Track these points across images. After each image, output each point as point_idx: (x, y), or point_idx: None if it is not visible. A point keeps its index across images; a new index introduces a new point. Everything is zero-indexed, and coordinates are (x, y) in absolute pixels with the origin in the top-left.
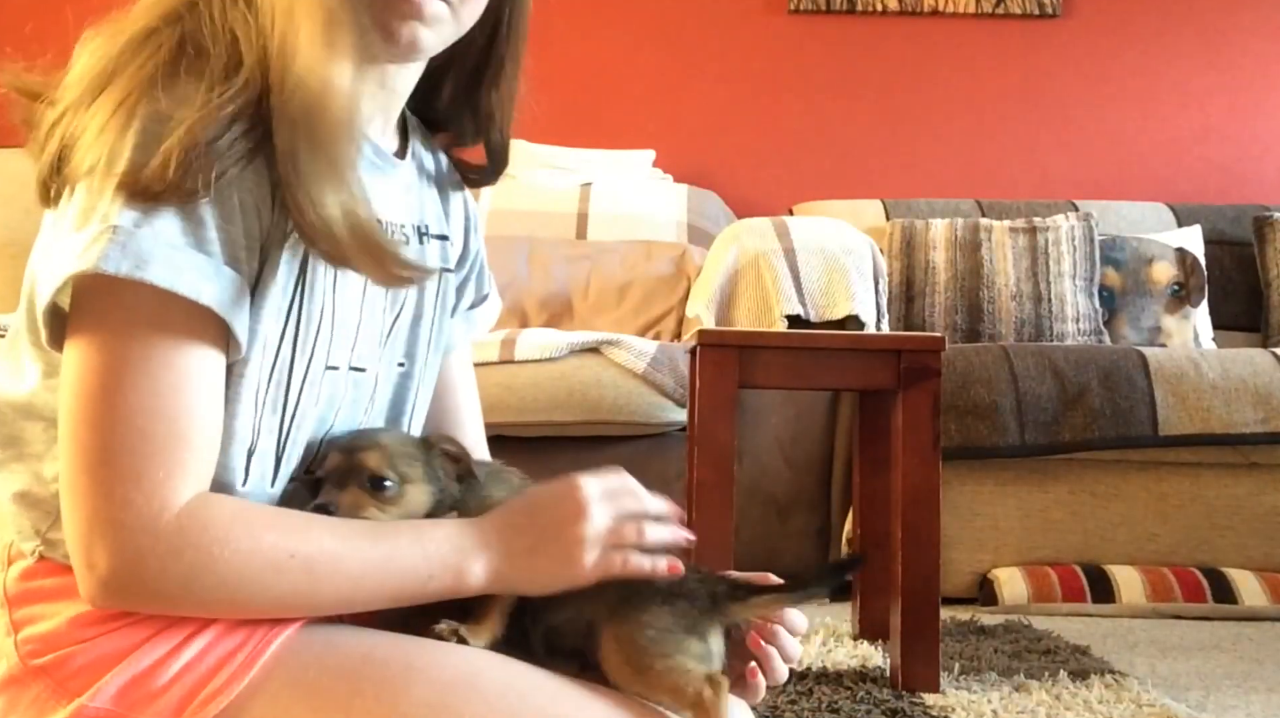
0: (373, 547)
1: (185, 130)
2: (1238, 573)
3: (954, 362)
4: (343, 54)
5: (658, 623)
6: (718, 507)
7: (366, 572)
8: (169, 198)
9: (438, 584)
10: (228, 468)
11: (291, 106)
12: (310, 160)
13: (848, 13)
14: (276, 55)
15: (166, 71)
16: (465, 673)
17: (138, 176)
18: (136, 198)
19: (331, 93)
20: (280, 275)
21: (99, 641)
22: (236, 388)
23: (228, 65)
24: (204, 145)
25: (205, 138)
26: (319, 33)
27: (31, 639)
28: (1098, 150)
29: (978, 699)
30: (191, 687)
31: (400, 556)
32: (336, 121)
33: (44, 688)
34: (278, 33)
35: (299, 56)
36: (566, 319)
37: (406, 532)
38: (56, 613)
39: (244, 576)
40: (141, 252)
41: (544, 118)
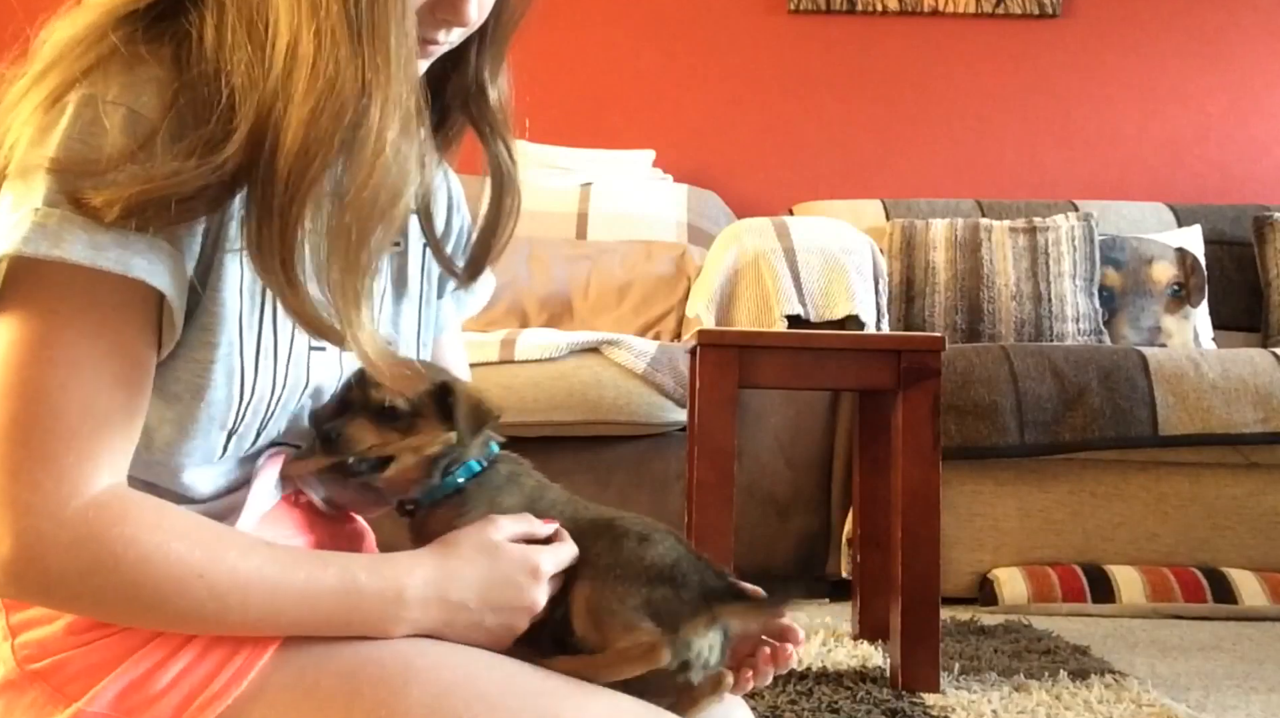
0: (289, 582)
1: (150, 184)
2: (1238, 573)
3: (954, 362)
4: (416, 138)
5: (630, 595)
6: (718, 507)
7: (280, 609)
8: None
9: (357, 633)
10: (205, 451)
11: (334, 205)
12: (342, 269)
13: (848, 13)
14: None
15: (117, 65)
16: (464, 675)
17: (68, 167)
18: (64, 181)
19: (398, 197)
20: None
21: (96, 645)
22: (209, 375)
23: (218, 114)
24: (156, 207)
25: (170, 199)
26: (393, 114)
27: (29, 644)
28: (1098, 150)
29: (978, 699)
30: (189, 691)
31: (322, 600)
32: (390, 226)
33: (41, 693)
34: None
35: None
36: (566, 319)
37: (336, 575)
38: (53, 618)
39: (144, 584)
40: (62, 231)
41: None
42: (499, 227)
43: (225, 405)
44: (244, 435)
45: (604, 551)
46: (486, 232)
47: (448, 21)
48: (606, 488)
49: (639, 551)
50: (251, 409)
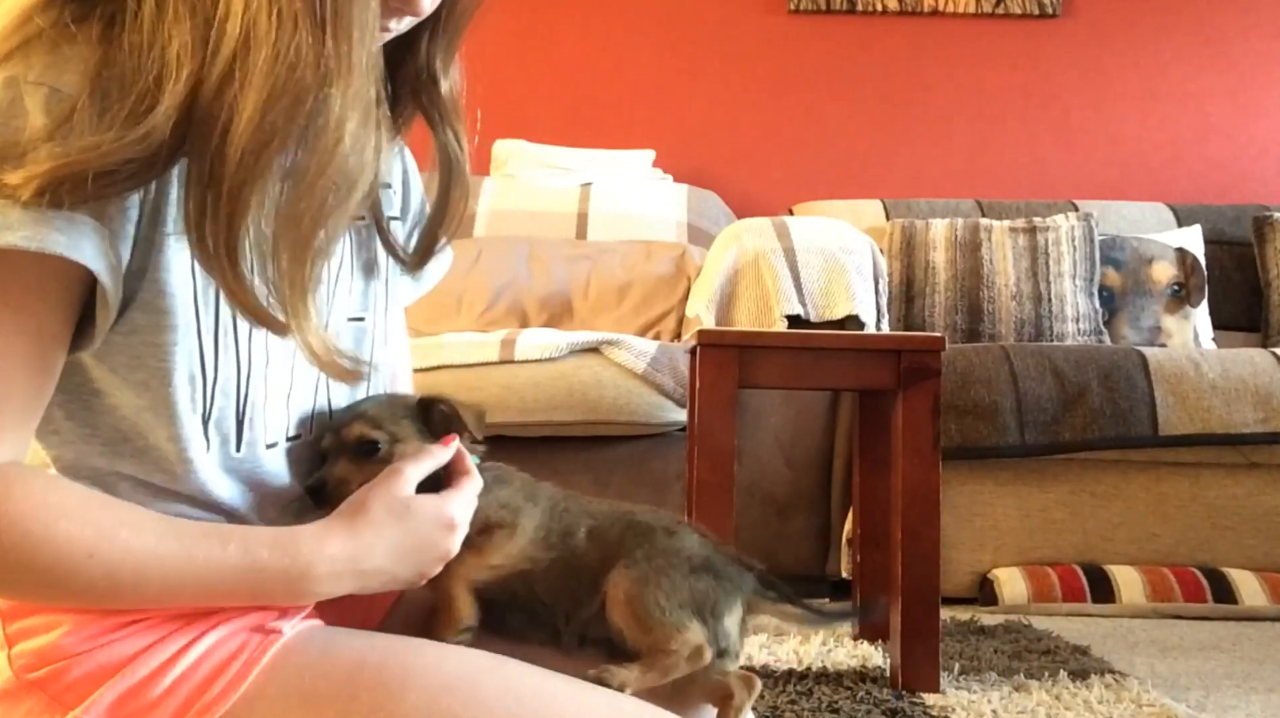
0: (187, 560)
1: (65, 160)
2: (1238, 573)
3: (954, 362)
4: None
5: (675, 591)
6: (718, 507)
7: (178, 585)
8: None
9: (268, 599)
10: (185, 439)
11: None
12: (291, 259)
13: (848, 13)
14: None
15: (38, 45)
16: (462, 676)
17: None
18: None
19: (356, 187)
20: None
21: (94, 653)
22: (169, 357)
23: (142, 87)
24: (73, 181)
25: (87, 174)
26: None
27: (25, 653)
28: (1098, 150)
29: (978, 699)
30: (187, 697)
31: (222, 574)
32: (342, 215)
33: (38, 702)
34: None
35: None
36: (566, 319)
37: (236, 547)
38: (51, 627)
39: (31, 564)
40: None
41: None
42: (446, 215)
43: (191, 388)
44: (222, 422)
45: (635, 545)
46: (434, 220)
47: (400, 10)
48: (606, 488)
49: (673, 544)
50: (220, 391)
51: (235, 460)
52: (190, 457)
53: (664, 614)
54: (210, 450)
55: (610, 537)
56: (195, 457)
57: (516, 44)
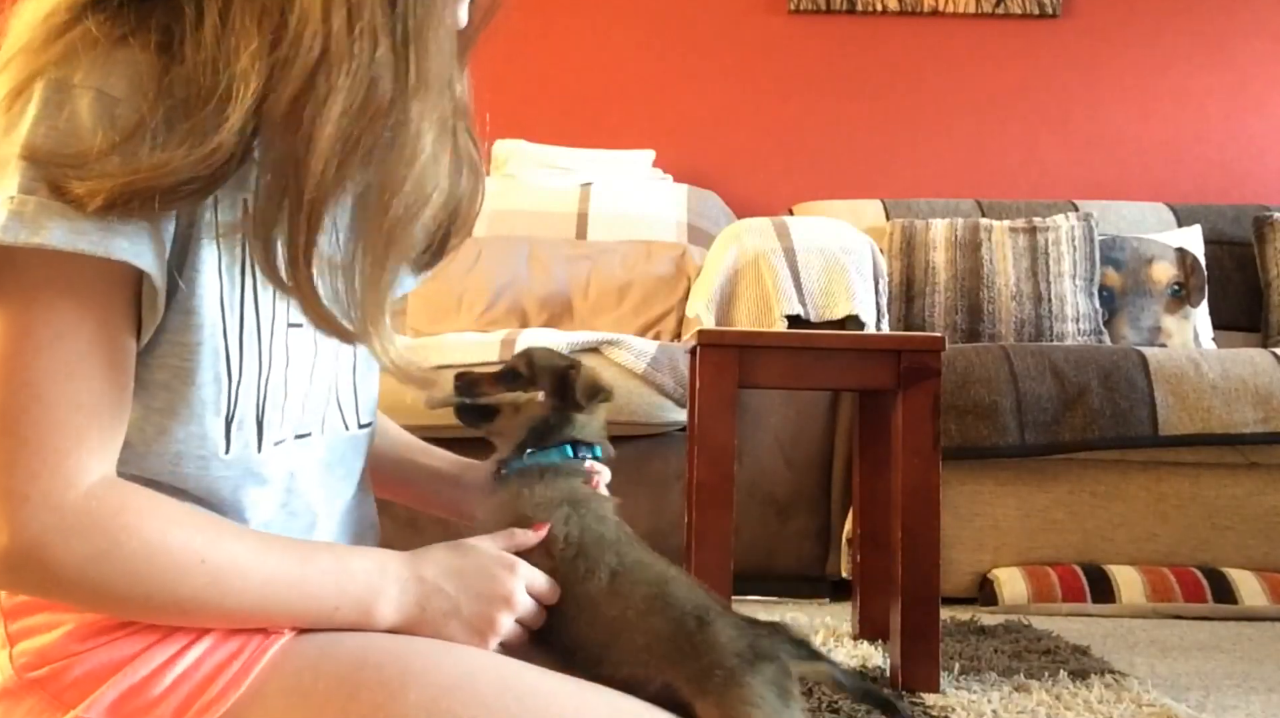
0: (285, 566)
1: (131, 179)
2: (1238, 573)
3: (954, 362)
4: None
5: (762, 701)
6: (718, 507)
7: (274, 592)
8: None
9: (343, 617)
10: (206, 439)
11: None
12: (371, 268)
13: (848, 13)
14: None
15: (90, 51)
16: (462, 675)
17: (41, 155)
18: (39, 168)
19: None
20: (224, 242)
21: (94, 652)
22: (194, 358)
23: (207, 111)
24: (141, 198)
25: (149, 192)
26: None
27: (27, 652)
28: (1098, 150)
29: (978, 699)
30: (187, 696)
31: (313, 581)
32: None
33: (39, 700)
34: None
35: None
36: (566, 319)
37: (326, 555)
38: (52, 626)
39: (146, 572)
40: (40, 218)
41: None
42: (460, 214)
43: (215, 389)
44: (243, 424)
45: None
46: (449, 216)
47: None
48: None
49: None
50: (242, 391)
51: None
52: (203, 455)
53: None
54: (230, 453)
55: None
56: (209, 455)
57: (516, 44)
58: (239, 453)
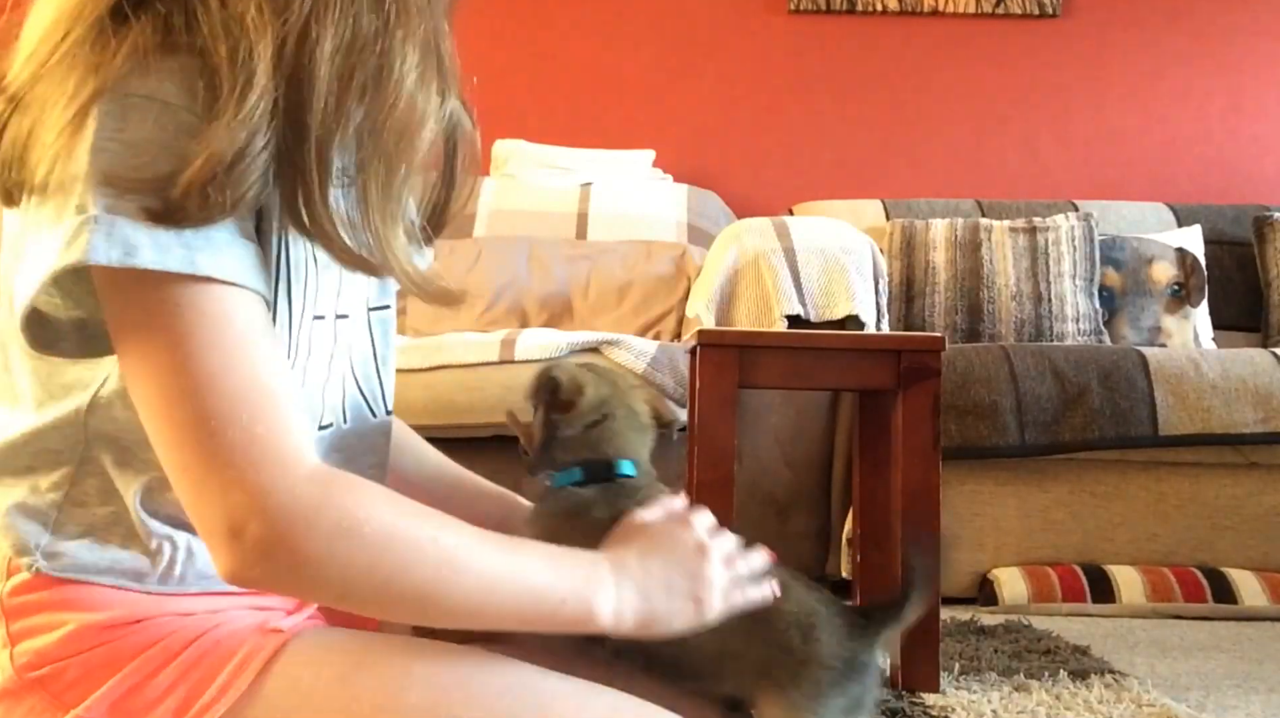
0: (504, 555)
1: (204, 160)
2: (1238, 573)
3: (954, 362)
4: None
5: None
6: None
7: (500, 580)
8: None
9: (569, 611)
10: None
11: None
12: (381, 199)
13: (848, 13)
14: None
15: (143, 59)
16: (462, 676)
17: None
18: (112, 186)
19: (425, 123)
20: (265, 228)
21: (94, 653)
22: None
23: (236, 68)
24: (225, 173)
25: (226, 165)
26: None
27: (27, 652)
28: (1098, 150)
29: (978, 699)
30: (186, 697)
31: (533, 571)
32: (416, 153)
33: (39, 700)
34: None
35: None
36: (566, 319)
37: (535, 549)
38: (53, 627)
39: (387, 548)
40: (129, 237)
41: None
42: (456, 182)
43: None
44: None
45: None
46: (445, 187)
47: None
48: None
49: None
50: None
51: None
52: None
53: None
54: None
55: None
56: None
57: (516, 44)
58: None
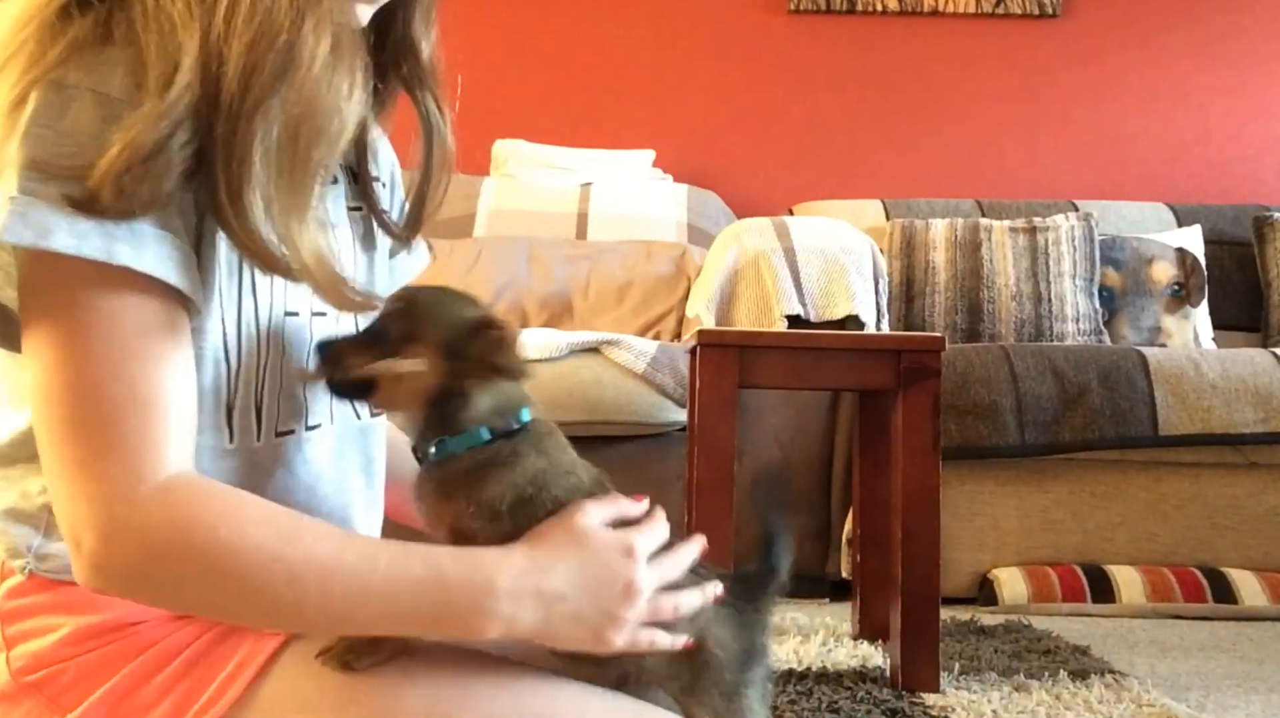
0: (376, 571)
1: (120, 149)
2: (1238, 573)
3: (954, 362)
4: (351, 60)
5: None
6: (718, 507)
7: (362, 598)
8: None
9: (445, 629)
10: (208, 429)
11: (276, 128)
12: (286, 192)
13: (848, 13)
14: (244, 56)
15: (81, 52)
16: (459, 677)
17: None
18: (37, 170)
19: (335, 115)
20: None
21: (90, 656)
22: (199, 345)
23: (163, 62)
24: (141, 164)
25: (142, 155)
26: (324, 33)
27: (23, 656)
28: (1098, 150)
29: (978, 699)
30: (182, 699)
31: (407, 589)
32: (328, 147)
33: (35, 704)
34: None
35: (299, 66)
36: (566, 319)
37: (421, 564)
38: (49, 629)
39: (222, 568)
40: (45, 220)
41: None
42: (431, 180)
43: (216, 377)
44: (244, 413)
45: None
46: (421, 185)
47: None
48: None
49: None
50: (242, 380)
51: (254, 450)
52: (211, 446)
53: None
54: (234, 442)
55: None
56: (215, 446)
57: (516, 44)
58: (241, 442)
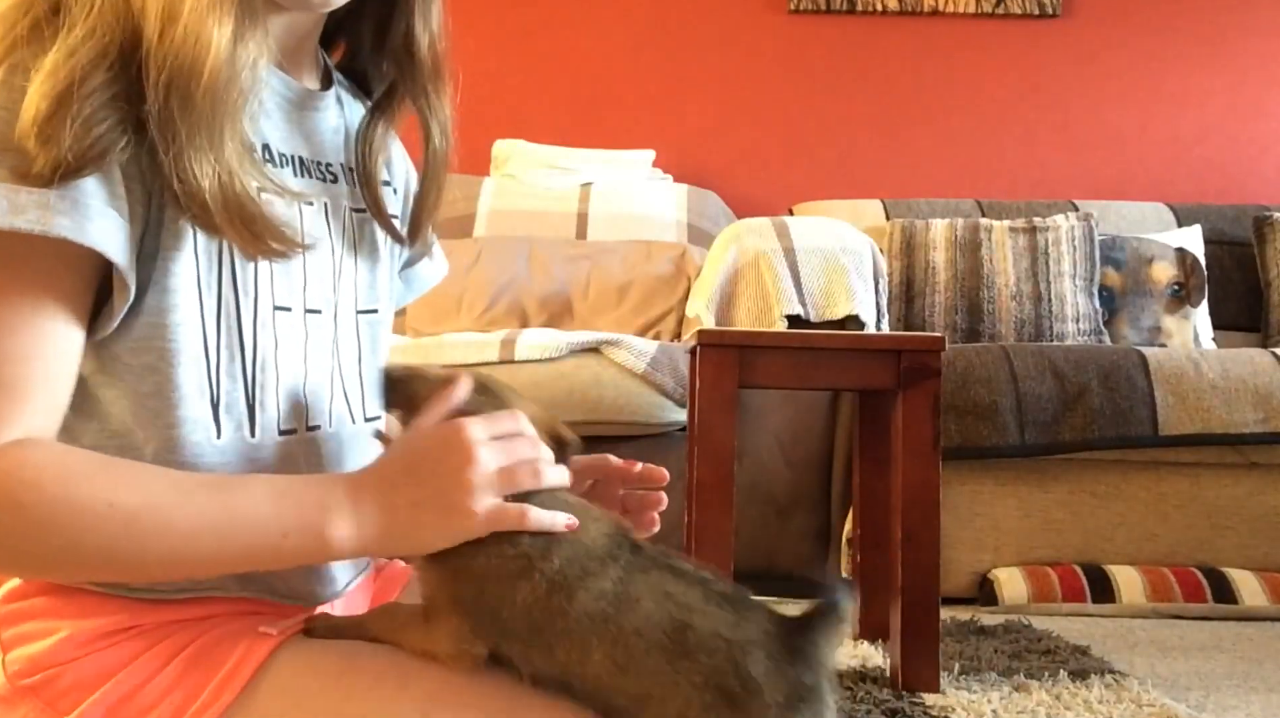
0: (214, 499)
1: (38, 96)
2: (1238, 573)
3: (954, 362)
4: (225, 12)
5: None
6: (718, 507)
7: (203, 527)
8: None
9: (294, 543)
10: (193, 422)
11: (166, 71)
12: (184, 129)
13: (848, 13)
14: (150, 13)
15: (29, 33)
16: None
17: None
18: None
19: (209, 54)
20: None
21: (87, 659)
22: (179, 338)
23: (90, 24)
24: (58, 105)
25: (57, 95)
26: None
27: (20, 659)
28: (1098, 150)
29: (978, 699)
30: (180, 702)
31: (248, 510)
32: (213, 86)
33: (32, 708)
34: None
35: (179, 17)
36: (566, 319)
37: (261, 485)
38: (47, 633)
39: (51, 526)
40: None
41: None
42: (425, 182)
43: (198, 371)
44: (233, 407)
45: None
46: (426, 183)
47: None
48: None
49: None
50: (223, 374)
51: (251, 447)
52: (197, 441)
53: None
54: (223, 437)
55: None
56: (203, 441)
57: (516, 44)
58: (232, 438)
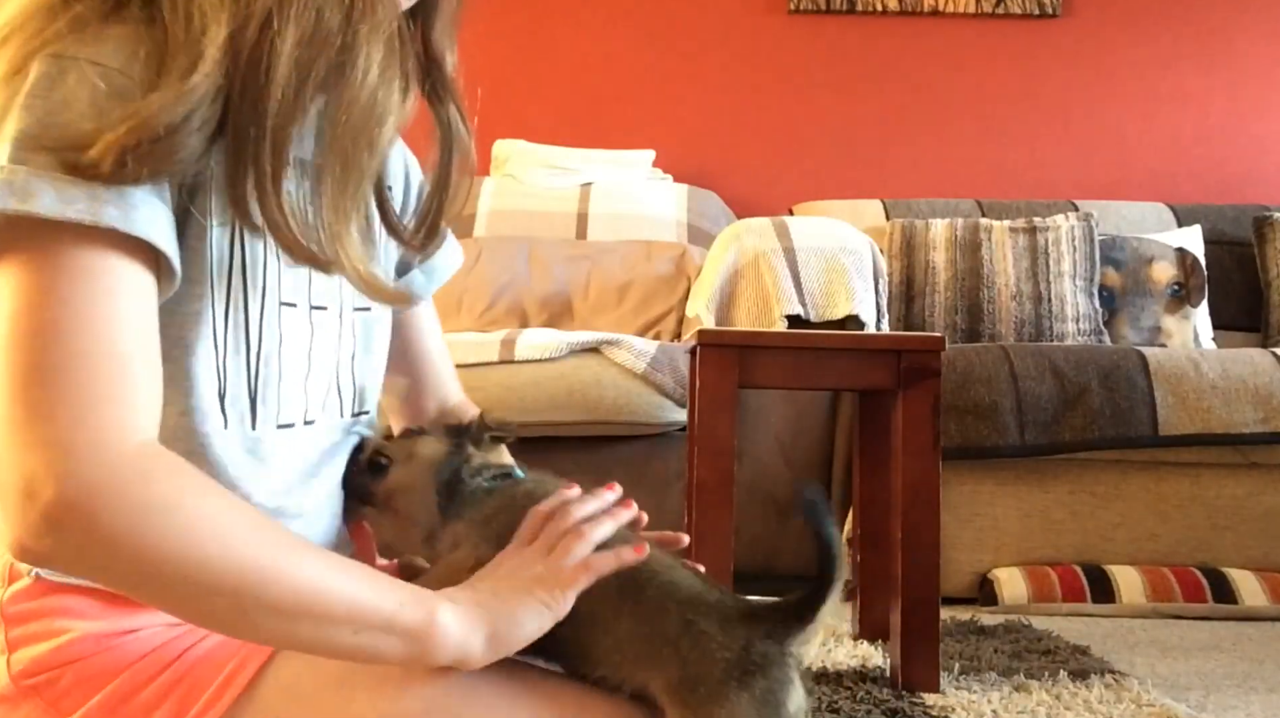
0: (331, 564)
1: (130, 127)
2: (1238, 573)
3: (954, 362)
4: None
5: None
6: (718, 507)
7: (324, 585)
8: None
9: (408, 618)
10: (203, 412)
11: (334, 130)
12: (339, 191)
13: (848, 13)
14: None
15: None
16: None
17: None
18: (30, 138)
19: (388, 118)
20: (216, 208)
21: (90, 660)
22: (195, 328)
23: (189, 48)
24: (149, 144)
25: (151, 136)
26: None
27: (24, 660)
28: (1098, 150)
29: (978, 699)
30: (181, 702)
31: (355, 582)
32: (379, 150)
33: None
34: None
35: (353, 69)
36: (566, 319)
37: (360, 567)
38: (52, 634)
39: (198, 541)
40: (29, 186)
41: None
42: (450, 190)
43: (209, 360)
44: (237, 399)
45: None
46: (440, 195)
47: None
48: None
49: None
50: (230, 364)
51: (252, 439)
52: (206, 431)
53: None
54: (228, 428)
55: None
56: (211, 432)
57: (516, 44)
58: (236, 428)
